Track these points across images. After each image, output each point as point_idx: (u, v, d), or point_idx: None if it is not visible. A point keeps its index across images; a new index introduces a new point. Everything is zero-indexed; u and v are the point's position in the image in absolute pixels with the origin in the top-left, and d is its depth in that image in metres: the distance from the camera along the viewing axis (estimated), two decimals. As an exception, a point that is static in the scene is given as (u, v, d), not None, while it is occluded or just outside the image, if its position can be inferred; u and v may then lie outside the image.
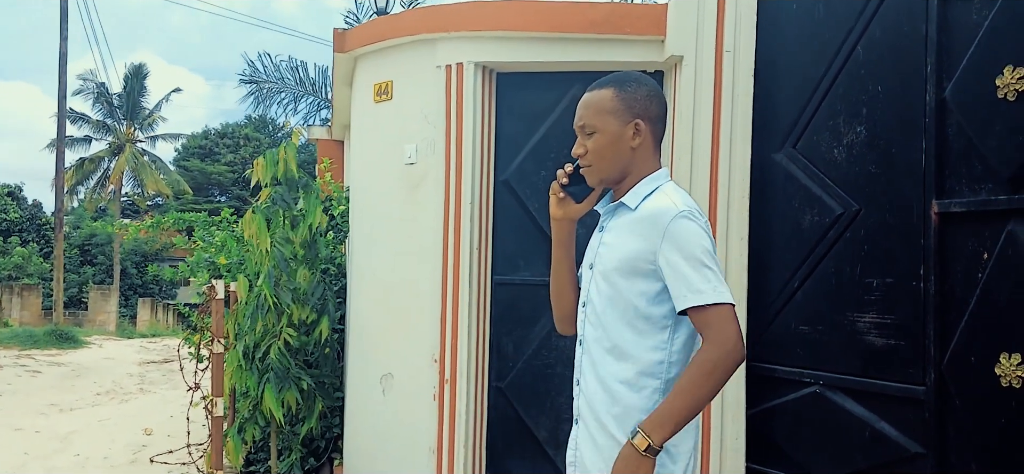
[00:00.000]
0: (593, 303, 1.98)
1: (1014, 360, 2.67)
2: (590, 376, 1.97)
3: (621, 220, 1.97)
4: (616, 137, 1.94)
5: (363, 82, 4.76)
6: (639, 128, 1.95)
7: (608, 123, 1.95)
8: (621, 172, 1.97)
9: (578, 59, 4.08)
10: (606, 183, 2.00)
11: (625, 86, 1.97)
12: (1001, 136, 2.76)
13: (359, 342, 4.76)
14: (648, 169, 1.98)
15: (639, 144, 1.96)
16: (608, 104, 1.96)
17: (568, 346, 4.20)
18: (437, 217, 4.23)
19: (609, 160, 1.96)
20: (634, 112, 1.95)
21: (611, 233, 1.98)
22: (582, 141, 2.00)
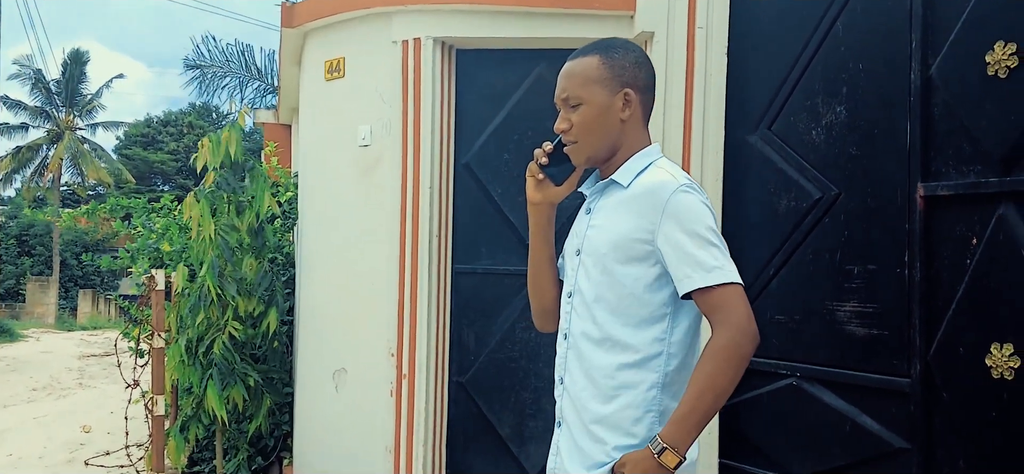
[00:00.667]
0: (581, 292, 1.79)
1: (1006, 350, 2.56)
2: (577, 373, 1.78)
3: (612, 199, 1.79)
4: (604, 109, 1.76)
5: (313, 59, 4.53)
6: (629, 98, 1.78)
7: (595, 94, 1.77)
8: (610, 148, 1.79)
9: (543, 35, 3.90)
10: (593, 161, 1.82)
11: (611, 52, 1.79)
12: (992, 115, 2.64)
13: (310, 335, 4.53)
14: (639, 143, 1.81)
15: (629, 116, 1.78)
16: (594, 72, 1.77)
17: (532, 339, 4.03)
18: (394, 202, 4.02)
19: (597, 134, 1.77)
20: (623, 81, 1.78)
21: (601, 214, 1.80)
22: (566, 115, 1.81)
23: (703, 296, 1.64)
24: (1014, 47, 2.56)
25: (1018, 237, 2.55)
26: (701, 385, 1.60)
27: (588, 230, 1.81)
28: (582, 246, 1.81)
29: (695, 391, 1.61)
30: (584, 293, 1.78)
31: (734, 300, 1.62)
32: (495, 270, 4.08)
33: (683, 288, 1.65)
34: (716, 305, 1.63)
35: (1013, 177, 2.57)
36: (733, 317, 1.60)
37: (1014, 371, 2.54)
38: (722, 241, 1.68)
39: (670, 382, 1.72)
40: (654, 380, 1.71)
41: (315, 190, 4.53)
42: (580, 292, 1.79)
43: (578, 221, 1.90)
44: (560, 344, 1.87)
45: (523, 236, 4.03)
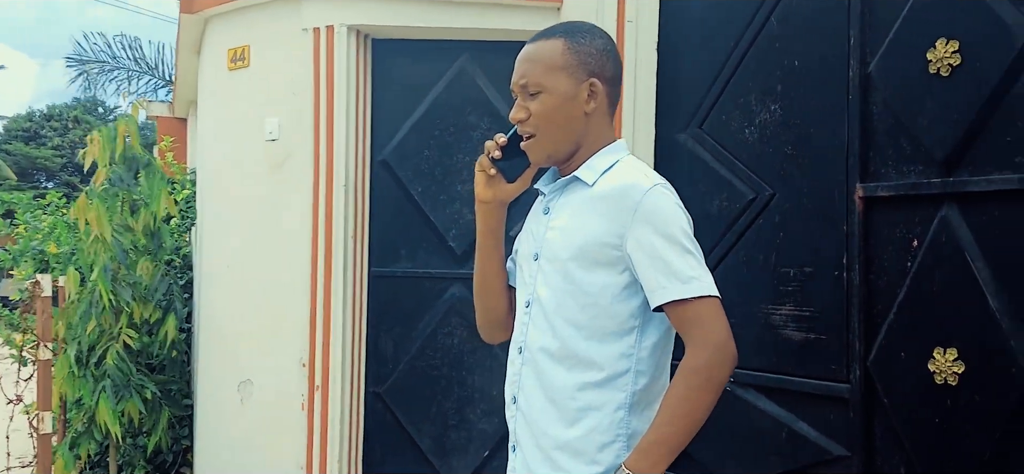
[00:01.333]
0: (541, 302, 1.62)
1: (949, 355, 2.51)
2: (535, 392, 1.61)
3: (574, 199, 1.62)
4: (567, 99, 1.60)
5: (215, 47, 4.23)
6: (594, 89, 1.62)
7: (558, 81, 1.59)
8: (572, 143, 1.63)
9: (466, 25, 3.72)
10: (552, 158, 1.65)
11: (578, 37, 1.63)
12: (933, 114, 2.58)
13: (212, 344, 4.23)
14: (603, 139, 1.65)
15: (594, 109, 1.62)
16: (558, 58, 1.60)
17: (455, 345, 3.85)
18: (305, 201, 3.78)
19: (558, 127, 1.60)
20: (588, 69, 1.61)
21: (562, 215, 1.62)
22: (523, 103, 1.63)
23: (677, 309, 1.49)
24: (956, 45, 2.51)
25: (961, 239, 2.50)
26: (673, 410, 1.45)
27: (547, 232, 1.64)
28: (540, 250, 1.64)
29: (666, 416, 1.46)
30: (544, 303, 1.61)
31: (712, 315, 1.48)
32: (415, 273, 3.88)
33: (656, 300, 1.50)
34: (692, 320, 1.48)
35: (956, 178, 2.52)
36: (711, 335, 1.46)
37: (958, 376, 2.49)
38: (698, 248, 1.54)
39: (638, 402, 1.57)
40: (621, 400, 1.55)
41: (217, 188, 4.23)
42: (539, 301, 1.62)
43: (533, 221, 1.73)
44: (513, 359, 1.69)
45: (444, 236, 3.85)
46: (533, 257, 1.66)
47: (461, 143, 3.83)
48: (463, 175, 3.84)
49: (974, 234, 2.48)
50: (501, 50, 3.82)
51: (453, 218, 3.84)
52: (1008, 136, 2.41)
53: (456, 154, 3.84)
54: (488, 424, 3.80)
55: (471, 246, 3.84)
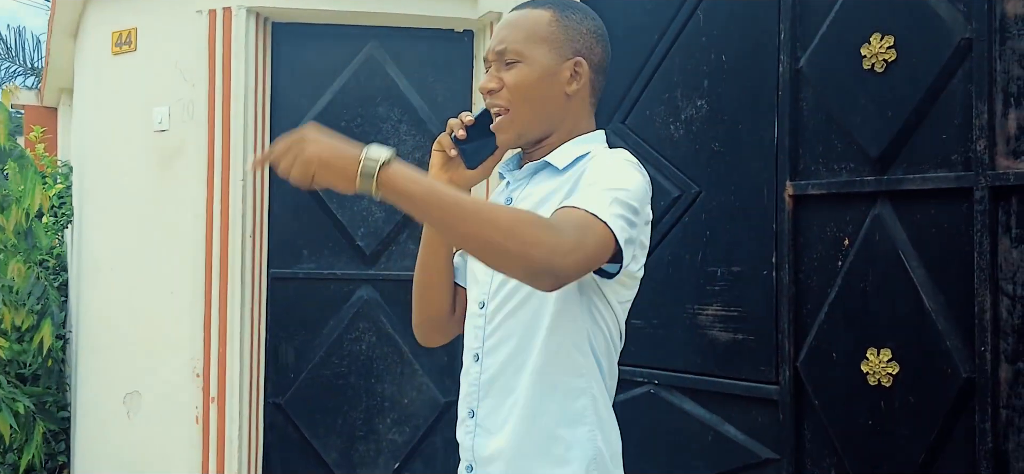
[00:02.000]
0: (499, 301, 1.43)
1: (883, 356, 2.47)
2: (504, 412, 1.41)
3: (542, 187, 1.43)
4: (548, 74, 1.41)
5: (96, 30, 3.90)
6: (579, 69, 1.44)
7: (540, 53, 1.41)
8: (546, 124, 1.44)
9: (374, 9, 3.54)
10: (522, 138, 1.45)
11: (567, 11, 1.46)
12: (867, 111, 2.55)
13: (93, 352, 3.89)
14: (581, 128, 1.48)
15: (575, 91, 1.44)
16: (543, 28, 1.43)
17: (364, 351, 3.64)
18: (198, 197, 3.51)
19: (533, 104, 1.42)
20: (575, 47, 1.44)
21: (527, 204, 1.44)
22: (496, 73, 1.44)
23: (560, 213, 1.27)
24: (891, 40, 2.48)
25: (895, 238, 2.47)
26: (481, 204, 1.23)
27: None
28: None
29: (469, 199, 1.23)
30: (502, 303, 1.43)
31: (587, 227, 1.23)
32: (319, 275, 3.66)
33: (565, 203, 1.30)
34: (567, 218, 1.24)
35: (890, 175, 2.49)
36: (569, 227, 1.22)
37: (892, 377, 2.46)
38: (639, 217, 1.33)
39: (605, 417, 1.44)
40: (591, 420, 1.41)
41: (98, 183, 3.90)
42: (497, 301, 1.44)
43: None
44: (469, 369, 1.49)
45: (352, 235, 3.64)
46: None
47: (370, 135, 3.63)
48: (372, 170, 3.63)
49: (909, 233, 2.46)
50: (413, 37, 3.65)
51: (361, 216, 3.63)
52: (944, 133, 2.39)
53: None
54: (399, 434, 3.61)
55: (381, 246, 3.65)
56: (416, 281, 1.60)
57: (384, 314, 3.64)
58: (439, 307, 1.58)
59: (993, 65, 2.26)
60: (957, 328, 2.34)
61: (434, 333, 1.63)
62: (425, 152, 3.62)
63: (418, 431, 3.62)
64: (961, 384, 2.30)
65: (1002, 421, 2.24)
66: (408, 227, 3.66)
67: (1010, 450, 2.23)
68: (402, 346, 3.64)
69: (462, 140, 1.46)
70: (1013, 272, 2.23)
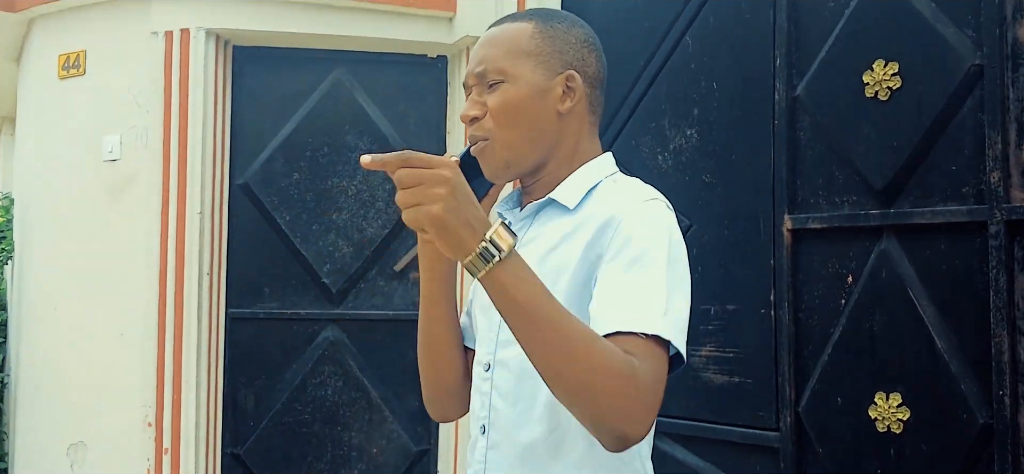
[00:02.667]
0: (506, 365, 1.26)
1: (893, 401, 2.38)
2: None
3: (549, 229, 1.27)
4: (536, 93, 1.25)
5: (42, 52, 3.73)
6: (572, 84, 1.28)
7: (524, 70, 1.25)
8: (539, 150, 1.27)
9: (343, 33, 3.42)
10: (512, 167, 1.28)
11: (552, 21, 1.30)
12: (871, 141, 2.47)
13: (34, 399, 3.69)
14: (583, 152, 1.31)
15: (570, 109, 1.28)
16: (526, 42, 1.27)
17: (329, 396, 3.47)
18: (152, 231, 3.35)
19: (523, 128, 1.25)
20: (565, 59, 1.28)
21: (533, 250, 1.26)
22: (478, 97, 1.28)
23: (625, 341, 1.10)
24: (896, 66, 2.41)
25: (903, 275, 2.39)
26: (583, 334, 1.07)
27: None
28: None
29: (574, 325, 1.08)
30: (510, 366, 1.25)
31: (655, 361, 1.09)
32: (281, 315, 3.50)
33: (601, 325, 1.12)
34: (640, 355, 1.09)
35: (897, 209, 2.41)
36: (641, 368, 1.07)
37: (903, 423, 2.37)
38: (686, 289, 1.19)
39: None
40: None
41: (43, 216, 3.72)
42: (504, 365, 1.27)
43: None
44: (476, 441, 1.31)
45: (317, 272, 3.48)
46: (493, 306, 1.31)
47: (336, 165, 3.49)
48: (339, 201, 3.49)
49: (917, 269, 2.38)
50: (382, 63, 3.54)
51: (327, 251, 3.48)
52: (954, 164, 2.32)
53: (330, 178, 3.49)
54: (367, 485, 3.45)
55: (348, 283, 3.50)
56: (421, 348, 1.41)
57: (351, 356, 3.49)
58: (449, 376, 1.39)
59: (1006, 93, 2.20)
60: (972, 371, 2.26)
61: (450, 405, 1.43)
62: (396, 184, 3.51)
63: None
64: (978, 430, 2.22)
65: (1023, 470, 2.15)
66: (376, 263, 3.52)
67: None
68: (371, 391, 3.48)
69: None
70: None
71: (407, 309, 3.53)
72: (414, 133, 3.53)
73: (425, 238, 1.32)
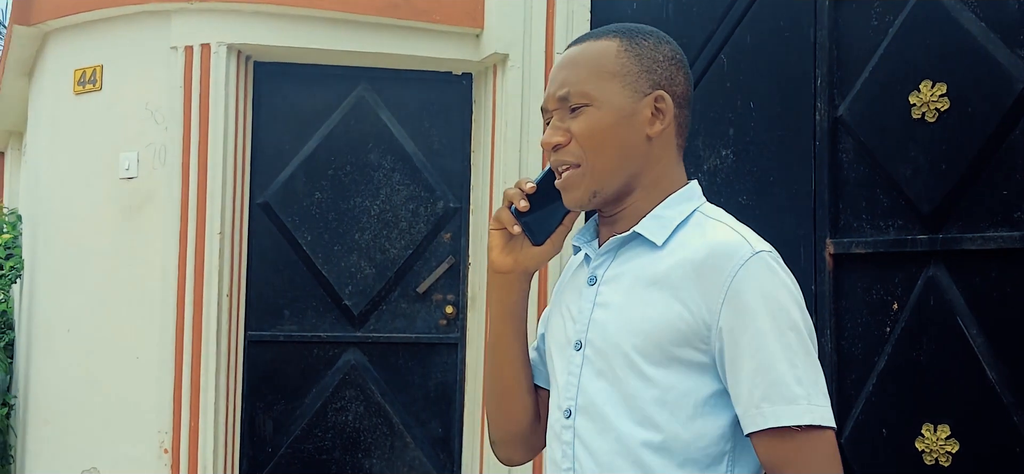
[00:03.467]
0: (589, 413, 1.21)
1: (941, 432, 2.36)
2: None
3: (635, 265, 1.22)
4: (623, 116, 1.19)
5: (57, 67, 3.74)
6: (661, 105, 1.22)
7: (611, 92, 1.20)
8: (626, 177, 1.22)
9: (366, 49, 3.41)
10: (599, 196, 1.23)
11: (638, 38, 1.23)
12: (917, 163, 2.47)
13: (44, 423, 3.67)
14: (671, 180, 1.25)
15: (660, 132, 1.22)
16: (612, 61, 1.21)
17: (350, 422, 3.46)
18: (170, 252, 3.33)
19: (610, 154, 1.20)
20: (653, 79, 1.22)
21: (617, 287, 1.22)
22: (560, 123, 1.22)
23: (773, 440, 1.10)
24: (944, 87, 2.41)
25: (952, 302, 2.38)
26: None
27: (594, 310, 1.23)
28: (585, 336, 1.23)
29: None
30: (594, 414, 1.20)
31: (822, 459, 1.09)
32: (301, 337, 3.48)
33: (750, 424, 1.11)
34: (790, 461, 1.09)
35: (946, 234, 2.40)
36: None
37: (951, 456, 2.35)
38: (813, 347, 1.15)
39: None
40: None
41: (55, 234, 3.70)
42: (587, 412, 1.21)
43: (570, 294, 1.30)
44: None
45: (338, 294, 3.47)
46: (574, 346, 1.24)
47: (359, 185, 3.48)
48: (362, 222, 3.49)
49: (966, 296, 2.37)
50: (407, 80, 3.54)
51: (349, 273, 3.47)
52: (1005, 189, 2.31)
53: (353, 197, 3.48)
54: (388, 515, 3.42)
55: (370, 306, 3.49)
56: (490, 391, 1.38)
57: (372, 381, 3.47)
58: (519, 417, 1.35)
59: (1060, 116, 2.19)
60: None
61: (519, 449, 1.39)
62: (419, 202, 3.51)
63: (408, 512, 3.44)
64: (1032, 464, 2.20)
65: (1080, 506, 2.13)
66: (400, 285, 3.51)
67: (1090, 539, 2.12)
68: (392, 416, 3.46)
69: (524, 211, 1.25)
70: (1088, 341, 2.13)
71: (429, 332, 3.51)
72: (437, 151, 3.52)
73: (496, 274, 1.30)
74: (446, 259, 3.51)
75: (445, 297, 3.53)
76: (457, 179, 3.53)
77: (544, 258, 1.28)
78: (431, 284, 3.50)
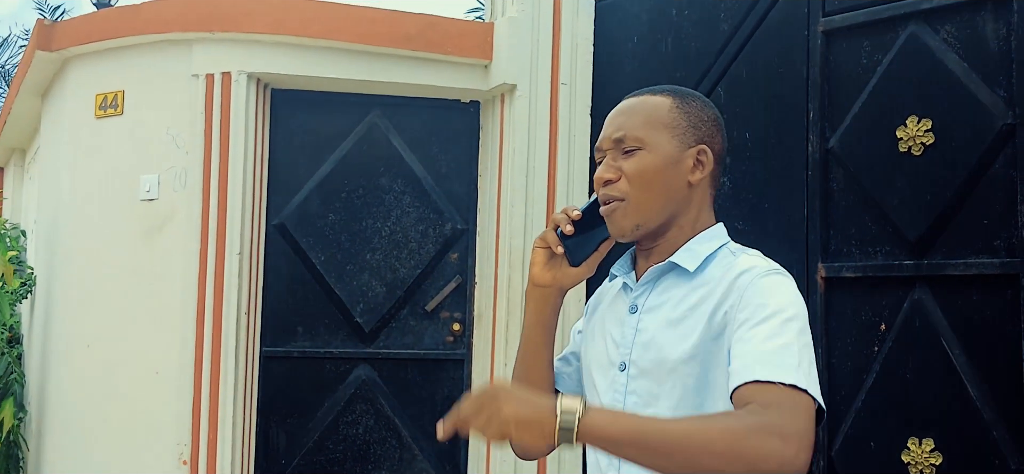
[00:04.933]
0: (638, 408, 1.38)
1: (926, 446, 2.51)
2: None
3: (674, 292, 1.39)
4: (670, 162, 1.38)
5: (78, 91, 3.85)
6: (703, 158, 1.41)
7: (662, 141, 1.39)
8: (666, 215, 1.40)
9: (380, 78, 3.54)
10: (640, 229, 1.40)
11: (688, 99, 1.44)
12: (904, 194, 2.62)
13: (62, 437, 3.77)
14: (704, 221, 1.44)
15: (699, 181, 1.41)
16: (665, 115, 1.40)
17: (361, 435, 3.58)
18: (189, 271, 3.45)
19: (656, 194, 1.38)
20: (698, 135, 1.41)
21: (659, 313, 1.39)
22: (613, 161, 1.40)
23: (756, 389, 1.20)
24: (929, 123, 2.56)
25: (936, 324, 2.53)
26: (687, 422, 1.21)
27: (637, 336, 1.41)
28: (629, 357, 1.40)
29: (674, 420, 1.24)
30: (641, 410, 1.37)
31: (802, 409, 1.19)
32: (315, 353, 3.60)
33: (738, 377, 1.22)
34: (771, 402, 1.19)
35: (930, 260, 2.55)
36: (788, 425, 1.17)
37: (935, 469, 2.50)
38: (811, 349, 1.29)
39: None
40: None
41: (73, 253, 3.81)
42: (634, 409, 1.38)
43: (611, 321, 1.47)
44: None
45: (350, 312, 3.59)
46: (618, 367, 1.41)
47: (371, 207, 3.62)
48: (373, 242, 3.62)
49: (950, 319, 2.52)
50: (417, 107, 3.67)
51: (361, 291, 3.60)
52: (985, 219, 2.46)
53: (365, 219, 3.62)
54: (398, 524, 3.54)
55: (381, 323, 3.62)
56: None
57: (383, 395, 3.60)
58: None
59: (1036, 151, 2.35)
60: (1004, 419, 2.39)
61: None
62: (428, 224, 3.65)
63: (417, 521, 3.56)
64: (1011, 476, 2.34)
65: (1055, 515, 2.28)
66: (409, 303, 3.64)
67: (1064, 546, 2.26)
68: (401, 430, 3.59)
69: (569, 235, 1.43)
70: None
71: (437, 348, 3.64)
72: (445, 175, 3.66)
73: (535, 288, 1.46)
74: (453, 279, 3.65)
75: (452, 315, 3.66)
76: (464, 202, 3.67)
77: (579, 278, 1.46)
78: (439, 302, 3.63)
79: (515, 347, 3.35)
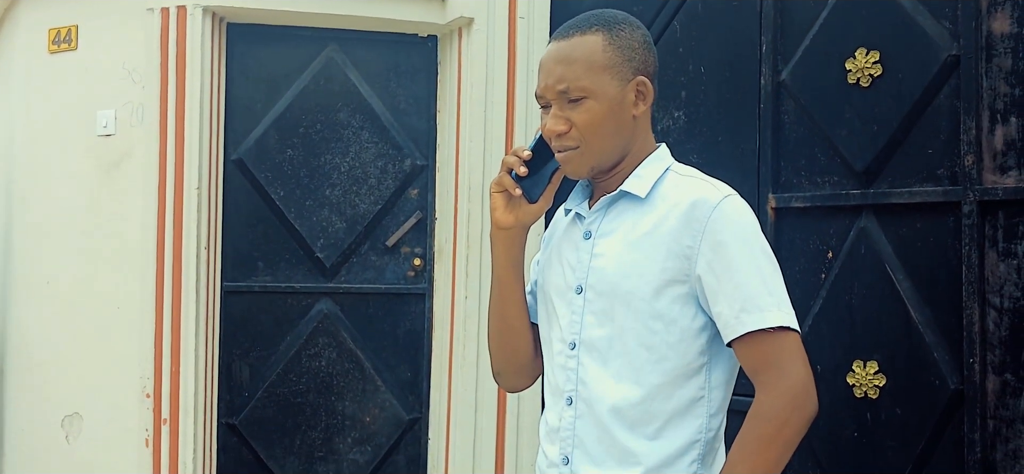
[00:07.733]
0: (592, 344, 1.42)
1: (870, 368, 2.56)
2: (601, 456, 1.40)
3: (625, 218, 1.42)
4: (615, 104, 1.39)
5: (29, 25, 3.73)
6: (643, 89, 1.43)
7: (604, 84, 1.38)
8: (619, 152, 1.43)
9: (335, 12, 3.48)
10: (596, 170, 1.44)
11: (617, 29, 1.42)
12: (852, 125, 2.64)
13: (26, 372, 3.72)
14: (648, 145, 1.48)
15: (643, 112, 1.44)
16: (600, 55, 1.39)
17: (323, 368, 3.58)
18: (148, 207, 3.40)
19: (608, 137, 1.40)
20: (634, 65, 1.42)
21: (612, 239, 1.42)
22: (561, 112, 1.41)
23: (750, 343, 1.33)
24: (877, 55, 2.57)
25: (881, 251, 2.57)
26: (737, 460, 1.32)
27: (593, 260, 1.43)
28: (585, 281, 1.43)
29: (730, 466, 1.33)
30: (598, 345, 1.41)
31: (791, 354, 1.34)
32: (276, 288, 3.58)
33: (730, 332, 1.33)
34: (767, 358, 1.33)
35: (876, 189, 2.58)
36: (788, 378, 1.32)
37: (879, 389, 2.55)
38: (777, 269, 1.39)
39: (709, 452, 1.42)
40: (695, 456, 1.40)
41: (31, 191, 3.73)
42: (590, 344, 1.42)
43: (567, 248, 1.50)
44: (562, 413, 1.45)
45: (311, 247, 3.57)
46: (575, 290, 1.45)
47: (330, 142, 3.58)
48: (333, 178, 3.58)
49: (894, 246, 2.56)
50: (374, 41, 3.62)
51: (321, 227, 3.58)
52: (930, 148, 2.49)
53: (324, 154, 3.58)
54: (360, 454, 3.56)
55: (342, 258, 3.60)
56: (493, 329, 1.58)
57: (345, 329, 3.59)
58: (523, 350, 1.57)
59: (980, 82, 2.37)
60: (945, 340, 2.44)
61: (521, 378, 1.61)
62: (387, 160, 3.61)
63: (380, 450, 3.58)
64: (949, 396, 2.41)
65: (990, 432, 2.34)
66: (369, 238, 3.62)
67: (998, 460, 2.34)
68: (364, 362, 3.59)
69: (526, 176, 1.44)
70: (1000, 285, 2.33)
71: (398, 283, 3.64)
72: (404, 110, 3.62)
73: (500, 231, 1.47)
74: (413, 214, 3.63)
75: (413, 250, 3.65)
76: (423, 138, 3.64)
77: (539, 213, 1.48)
78: (399, 238, 3.62)
79: (475, 280, 3.39)
